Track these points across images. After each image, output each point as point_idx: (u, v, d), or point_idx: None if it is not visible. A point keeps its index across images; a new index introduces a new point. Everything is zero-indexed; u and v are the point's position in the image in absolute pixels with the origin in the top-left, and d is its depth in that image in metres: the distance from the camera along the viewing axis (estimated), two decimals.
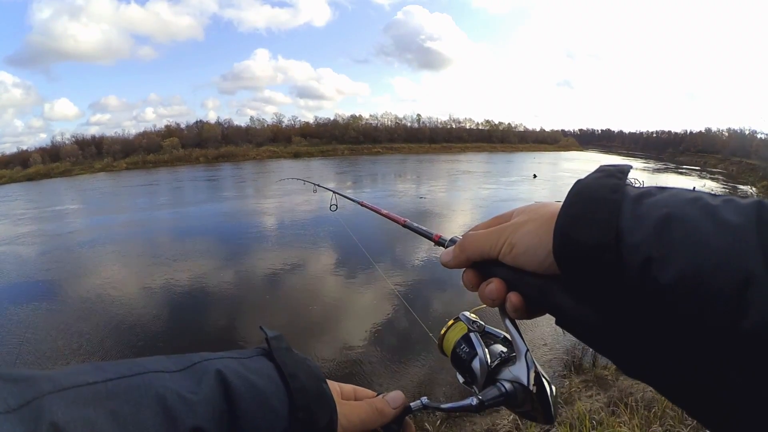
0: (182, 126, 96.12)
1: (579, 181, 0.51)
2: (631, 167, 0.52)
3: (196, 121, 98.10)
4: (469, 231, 0.64)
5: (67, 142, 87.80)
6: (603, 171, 0.51)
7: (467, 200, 28.59)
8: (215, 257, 16.78)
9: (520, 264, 0.54)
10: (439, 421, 5.66)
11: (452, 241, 0.71)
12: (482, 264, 0.61)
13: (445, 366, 8.34)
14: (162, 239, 20.33)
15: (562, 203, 0.50)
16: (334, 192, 2.62)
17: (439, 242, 0.79)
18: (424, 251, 15.72)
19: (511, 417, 5.24)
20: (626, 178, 0.49)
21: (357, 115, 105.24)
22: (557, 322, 0.52)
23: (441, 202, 28.05)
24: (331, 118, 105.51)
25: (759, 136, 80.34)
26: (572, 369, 8.15)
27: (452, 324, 0.75)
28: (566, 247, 0.47)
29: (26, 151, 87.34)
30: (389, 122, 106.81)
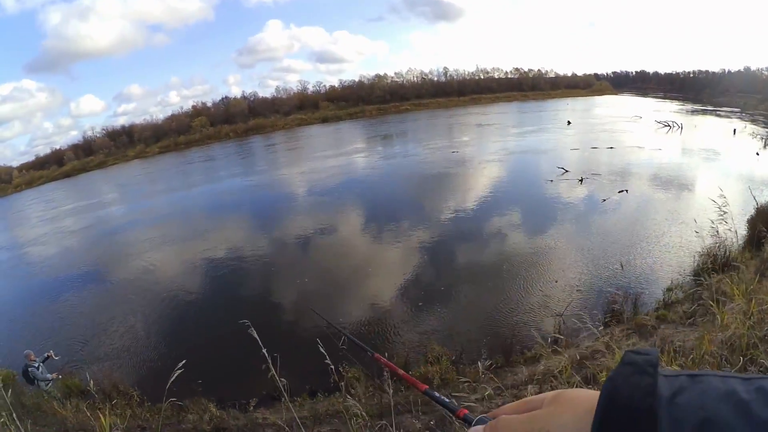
0: (209, 104, 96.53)
1: (611, 379, 0.49)
2: (658, 355, 0.51)
3: (222, 98, 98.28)
4: (499, 411, 0.62)
5: (98, 135, 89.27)
6: (632, 364, 0.50)
7: (497, 152, 28.05)
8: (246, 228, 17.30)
9: None
10: None
11: (480, 421, 0.67)
12: None
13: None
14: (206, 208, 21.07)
15: (597, 401, 0.48)
16: None
17: (465, 419, 0.73)
18: None
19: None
20: (657, 371, 0.48)
21: (382, 74, 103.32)
22: None
23: (472, 155, 27.76)
24: (356, 80, 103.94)
25: None
26: (612, 318, 8.12)
27: None
28: None
29: (60, 149, 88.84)
30: (415, 78, 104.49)
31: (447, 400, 0.86)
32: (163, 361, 9.02)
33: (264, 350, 2.45)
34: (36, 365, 8.08)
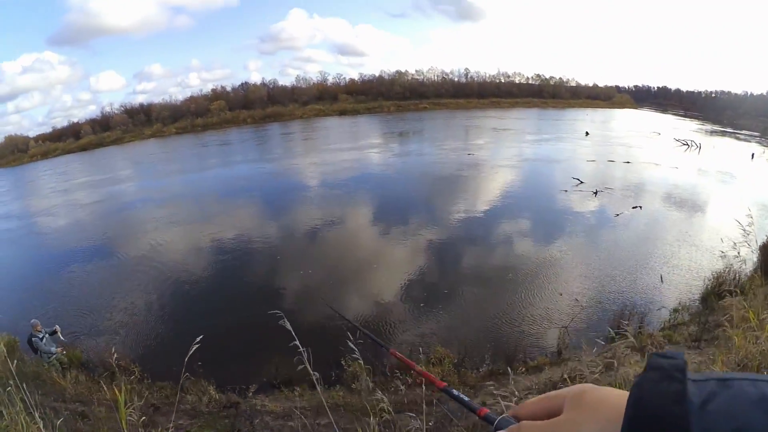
0: (228, 89, 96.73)
1: (638, 385, 0.47)
2: (684, 360, 0.48)
3: (242, 83, 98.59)
4: (519, 410, 0.64)
5: (116, 111, 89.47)
6: (659, 369, 0.47)
7: (512, 158, 27.94)
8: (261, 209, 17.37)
9: None
10: None
11: (502, 422, 0.67)
12: None
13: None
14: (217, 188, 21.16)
15: (622, 408, 0.47)
16: None
17: (486, 418, 0.75)
18: None
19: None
20: (686, 376, 0.46)
21: (402, 70, 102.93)
22: None
23: (487, 159, 27.65)
24: (376, 75, 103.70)
25: None
26: (616, 334, 8.05)
27: None
28: None
29: (77, 123, 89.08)
30: (435, 77, 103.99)
31: (466, 398, 0.85)
32: (160, 340, 9.17)
33: (297, 341, 2.40)
34: (41, 336, 8.16)
